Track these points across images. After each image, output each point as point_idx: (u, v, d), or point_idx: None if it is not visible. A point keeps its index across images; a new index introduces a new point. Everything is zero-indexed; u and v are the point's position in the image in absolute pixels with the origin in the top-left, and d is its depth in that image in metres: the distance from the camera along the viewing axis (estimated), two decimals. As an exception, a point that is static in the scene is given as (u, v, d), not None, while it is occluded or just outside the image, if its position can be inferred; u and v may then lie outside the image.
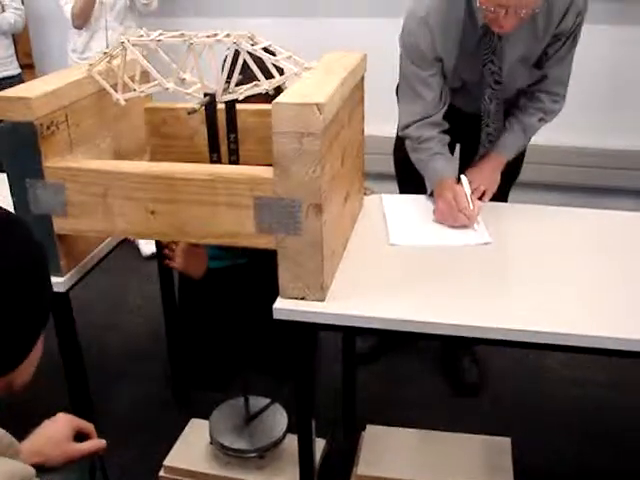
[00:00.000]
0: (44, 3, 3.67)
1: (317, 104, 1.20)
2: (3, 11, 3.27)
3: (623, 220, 1.72)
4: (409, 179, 1.99)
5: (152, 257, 3.10)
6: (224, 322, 2.01)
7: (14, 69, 3.43)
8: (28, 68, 3.69)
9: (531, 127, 1.92)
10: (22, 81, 3.40)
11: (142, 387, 2.37)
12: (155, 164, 1.42)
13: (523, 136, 1.92)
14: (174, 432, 1.99)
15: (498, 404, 2.25)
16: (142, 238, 1.44)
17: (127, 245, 1.68)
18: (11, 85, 3.34)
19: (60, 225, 1.44)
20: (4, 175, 1.44)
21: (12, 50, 3.41)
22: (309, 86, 1.31)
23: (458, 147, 2.13)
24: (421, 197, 1.82)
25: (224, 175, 1.31)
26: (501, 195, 1.95)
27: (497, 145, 1.91)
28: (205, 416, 1.98)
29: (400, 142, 2.05)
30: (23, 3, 3.43)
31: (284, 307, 1.35)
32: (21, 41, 3.58)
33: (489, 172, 1.87)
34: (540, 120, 1.92)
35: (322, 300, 1.36)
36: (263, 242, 1.33)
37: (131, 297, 2.97)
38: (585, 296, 1.39)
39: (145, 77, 1.62)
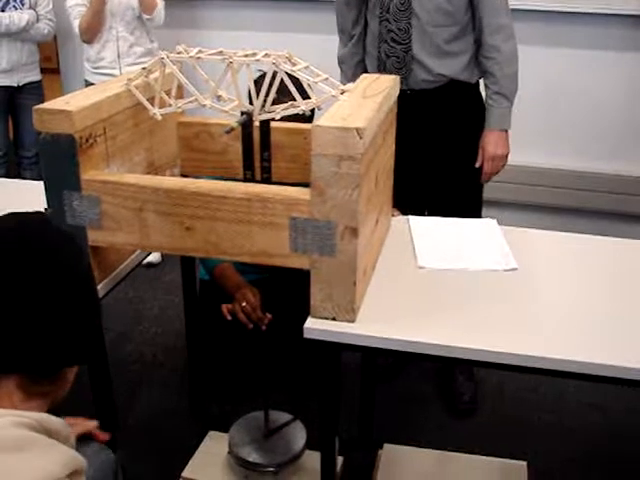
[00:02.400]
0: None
1: (357, 128, 1.22)
2: (37, 20, 3.31)
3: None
4: None
5: (150, 266, 3.23)
6: (247, 335, 2.01)
7: (37, 75, 3.46)
8: (49, 73, 3.72)
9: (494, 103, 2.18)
10: (42, 87, 3.45)
11: (160, 398, 2.37)
12: (192, 181, 1.43)
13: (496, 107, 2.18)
14: (191, 444, 2.00)
15: (515, 427, 2.25)
16: (177, 253, 1.45)
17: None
18: (34, 90, 3.39)
19: (94, 237, 1.45)
20: (41, 183, 1.45)
21: (37, 56, 3.44)
22: (347, 109, 1.33)
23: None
24: (448, 219, 1.82)
25: (261, 194, 1.32)
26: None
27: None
28: (222, 429, 1.99)
29: None
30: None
31: (315, 327, 1.36)
32: (42, 45, 3.59)
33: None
34: (494, 96, 2.16)
35: (352, 321, 1.36)
36: (297, 262, 1.34)
37: (149, 306, 2.98)
38: (606, 324, 1.39)
39: (179, 91, 1.64)
